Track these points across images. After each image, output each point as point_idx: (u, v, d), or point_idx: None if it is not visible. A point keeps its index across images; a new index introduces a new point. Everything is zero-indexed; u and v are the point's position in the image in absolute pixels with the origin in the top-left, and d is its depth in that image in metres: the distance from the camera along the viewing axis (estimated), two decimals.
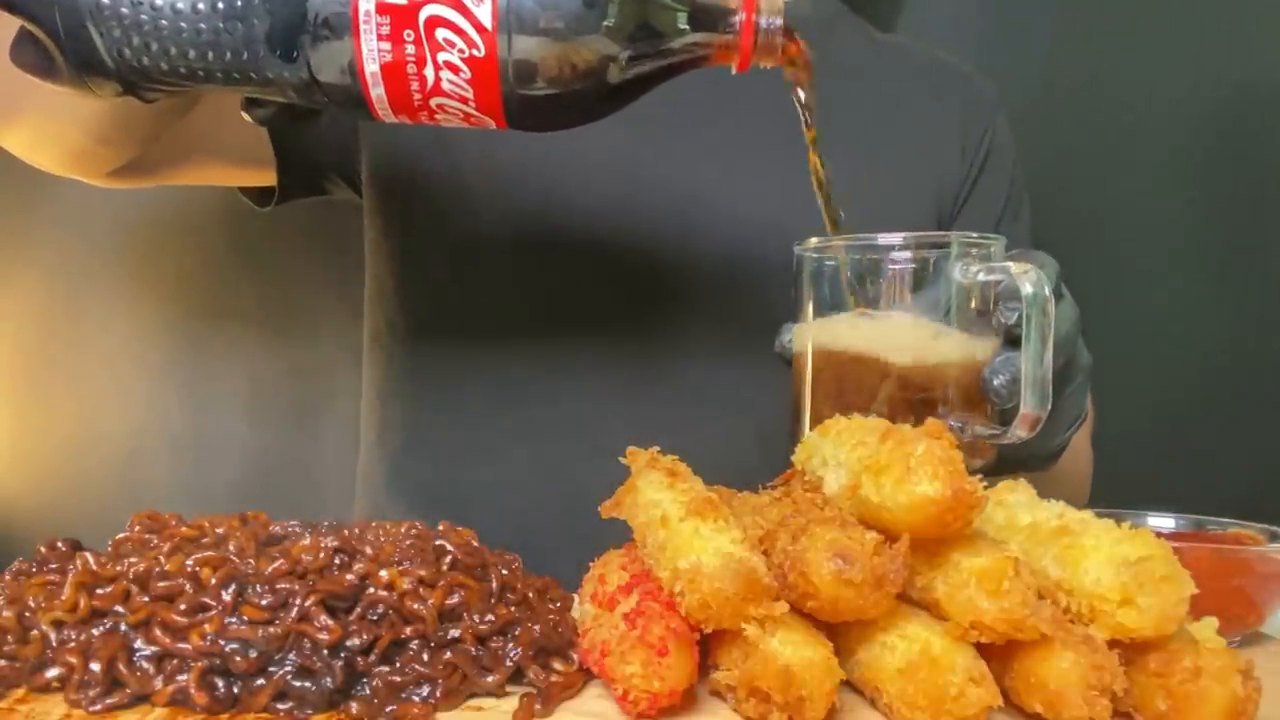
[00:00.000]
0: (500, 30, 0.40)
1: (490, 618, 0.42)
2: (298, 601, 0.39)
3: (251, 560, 0.41)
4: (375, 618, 0.40)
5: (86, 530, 0.46)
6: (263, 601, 0.39)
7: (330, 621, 0.39)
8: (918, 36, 0.89)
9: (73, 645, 0.39)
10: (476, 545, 0.45)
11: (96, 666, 0.38)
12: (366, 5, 0.40)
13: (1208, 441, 0.99)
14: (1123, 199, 1.01)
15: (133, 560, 0.41)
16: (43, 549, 0.44)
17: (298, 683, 0.38)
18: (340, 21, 0.40)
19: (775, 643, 0.36)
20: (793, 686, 0.36)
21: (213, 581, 0.39)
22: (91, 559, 0.41)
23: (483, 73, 0.41)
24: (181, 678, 0.38)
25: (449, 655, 0.40)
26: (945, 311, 0.51)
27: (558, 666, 0.42)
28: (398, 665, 0.40)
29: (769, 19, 0.44)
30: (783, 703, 0.36)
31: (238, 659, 0.38)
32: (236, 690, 0.38)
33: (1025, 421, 0.47)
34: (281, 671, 0.38)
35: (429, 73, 0.41)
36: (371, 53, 0.41)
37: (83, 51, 0.41)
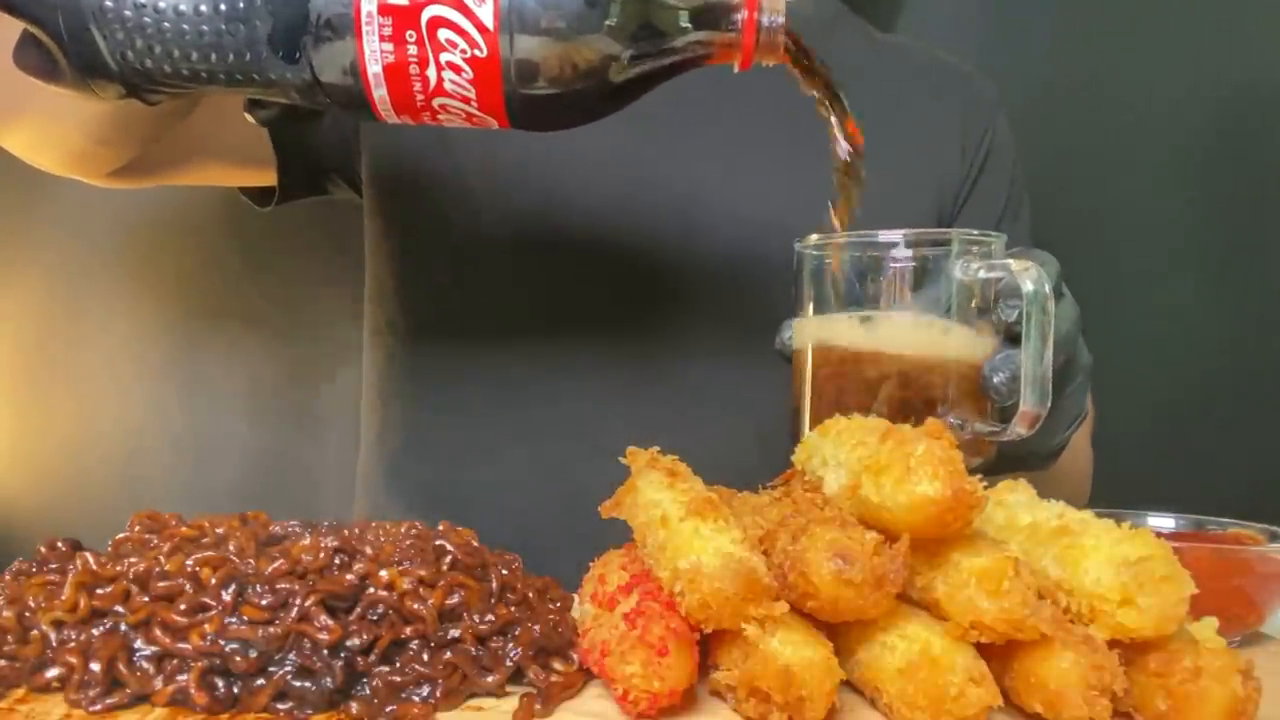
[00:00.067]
0: (502, 30, 0.40)
1: (490, 618, 0.42)
2: (298, 601, 0.39)
3: (251, 560, 0.41)
4: (375, 618, 0.40)
5: (86, 530, 0.46)
6: (263, 601, 0.39)
7: (330, 621, 0.39)
8: (918, 36, 0.89)
9: (73, 645, 0.39)
10: (476, 545, 0.45)
11: (96, 666, 0.38)
12: (369, 6, 0.40)
13: (1208, 441, 0.99)
14: (1123, 199, 1.01)
15: (133, 560, 0.41)
16: (43, 549, 0.44)
17: (298, 683, 0.38)
18: (342, 23, 0.40)
19: (775, 643, 0.36)
20: (793, 686, 0.36)
21: (213, 581, 0.39)
22: (91, 559, 0.41)
23: (485, 73, 0.41)
24: (181, 678, 0.38)
25: (449, 655, 0.40)
26: (946, 309, 0.51)
27: (558, 666, 0.42)
28: (398, 665, 0.40)
29: (771, 17, 0.44)
30: (783, 703, 0.36)
31: (238, 659, 0.38)
32: (236, 690, 0.38)
33: (1025, 419, 0.47)
34: (281, 671, 0.38)
35: (431, 73, 0.41)
36: (374, 54, 0.41)
37: (85, 54, 0.41)
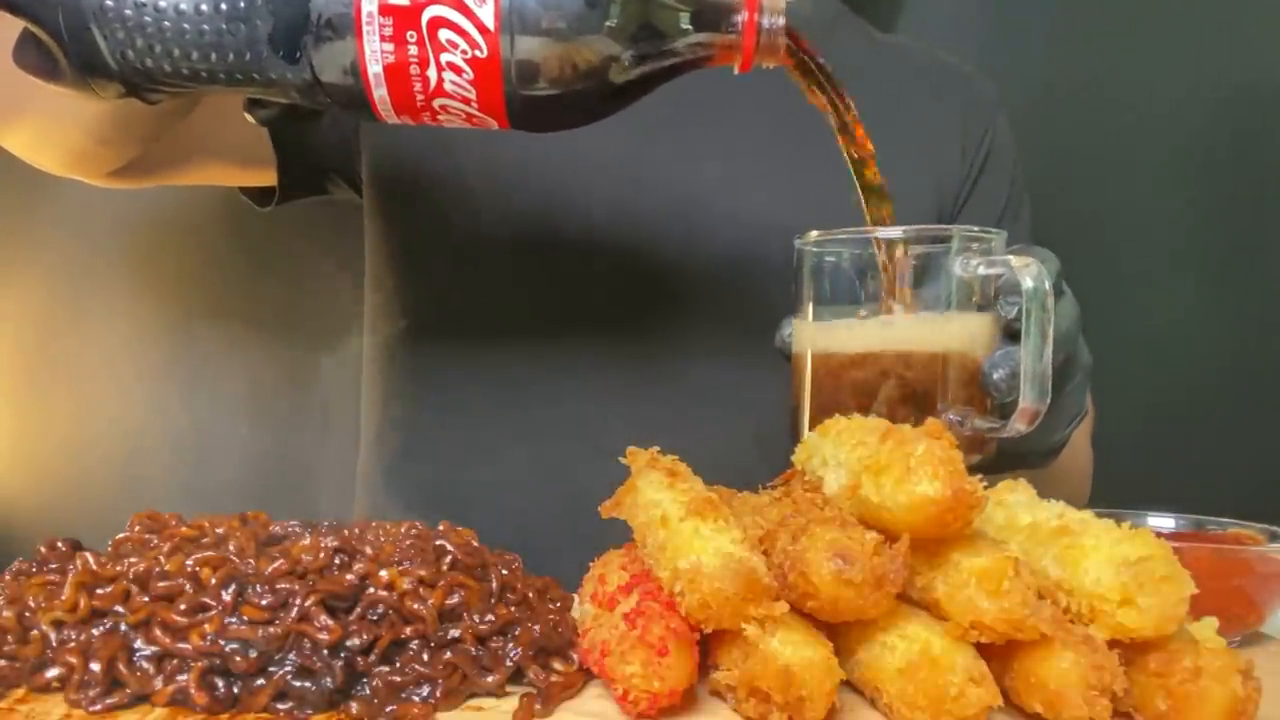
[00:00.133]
0: (503, 31, 0.40)
1: (490, 618, 0.42)
2: (298, 601, 0.39)
3: (251, 560, 0.41)
4: (375, 618, 0.40)
5: (86, 530, 0.46)
6: (263, 601, 0.39)
7: (330, 621, 0.39)
8: (918, 36, 0.89)
9: (73, 645, 0.39)
10: (476, 545, 0.45)
11: (96, 666, 0.38)
12: (369, 6, 0.40)
13: (1208, 441, 0.99)
14: (1123, 199, 1.01)
15: (133, 560, 0.41)
16: (43, 549, 0.44)
17: (298, 683, 0.38)
18: (343, 23, 0.40)
19: (775, 643, 0.36)
20: (793, 686, 0.36)
21: (213, 581, 0.39)
22: (91, 559, 0.41)
23: (485, 73, 0.41)
24: (181, 678, 0.38)
25: (449, 655, 0.40)
26: (946, 306, 0.51)
27: (558, 666, 0.42)
28: (398, 665, 0.40)
29: (771, 18, 0.44)
30: (783, 703, 0.36)
31: (238, 659, 0.38)
32: (236, 690, 0.38)
33: (1024, 415, 0.47)
34: (281, 671, 0.38)
35: (431, 74, 0.41)
36: (374, 54, 0.41)
37: (86, 53, 0.41)
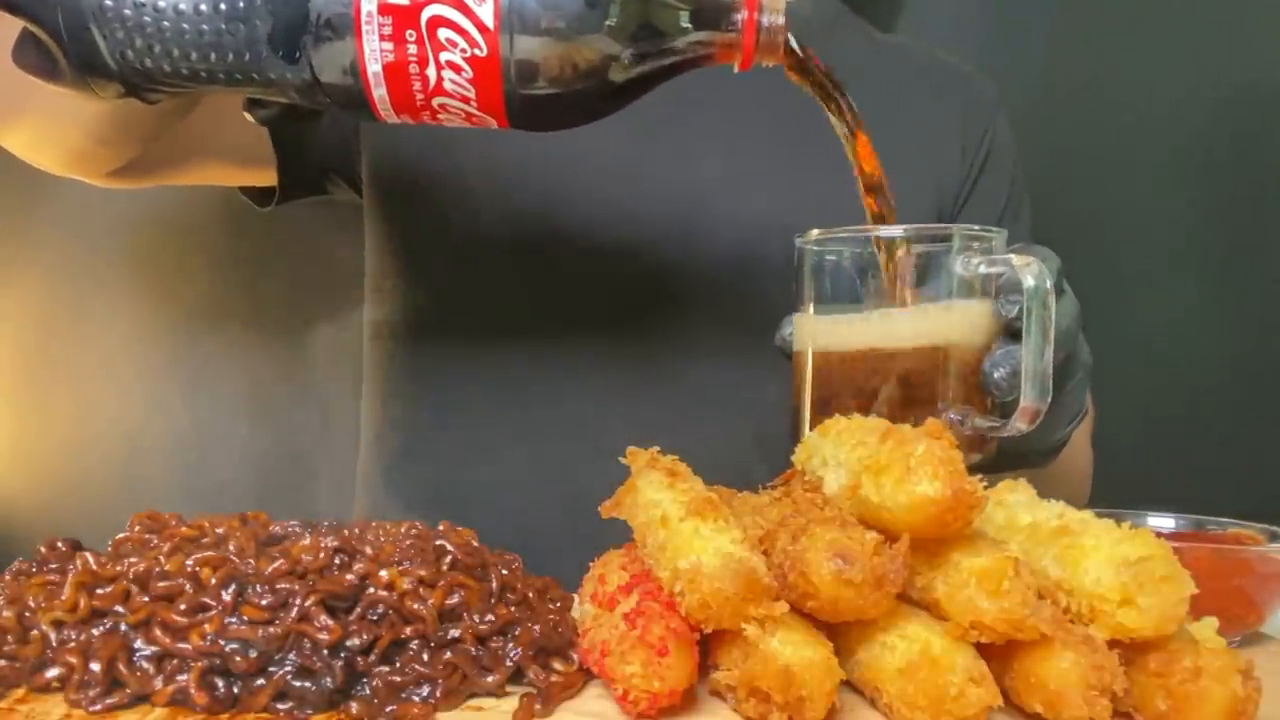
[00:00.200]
0: (502, 30, 0.40)
1: (490, 618, 0.42)
2: (298, 601, 0.39)
3: (251, 560, 0.41)
4: (375, 618, 0.40)
5: (86, 530, 0.46)
6: (263, 601, 0.39)
7: (330, 621, 0.39)
8: (918, 36, 0.89)
9: (73, 645, 0.39)
10: (476, 545, 0.45)
11: (96, 666, 0.38)
12: (368, 6, 0.40)
13: (1208, 441, 0.99)
14: (1123, 199, 1.01)
15: (133, 560, 0.41)
16: (43, 549, 0.44)
17: (298, 683, 0.38)
18: (342, 22, 0.40)
19: (775, 643, 0.36)
20: (793, 686, 0.36)
21: (213, 581, 0.39)
22: (91, 559, 0.41)
23: (485, 72, 0.41)
24: (181, 678, 0.38)
25: (449, 655, 0.40)
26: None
27: (558, 666, 0.42)
28: (398, 665, 0.40)
29: (771, 17, 0.44)
30: (783, 703, 0.36)
31: (238, 659, 0.38)
32: (236, 690, 0.38)
33: (1025, 414, 0.47)
34: (281, 671, 0.38)
35: (431, 73, 0.41)
36: (373, 53, 0.41)
37: (85, 53, 0.41)
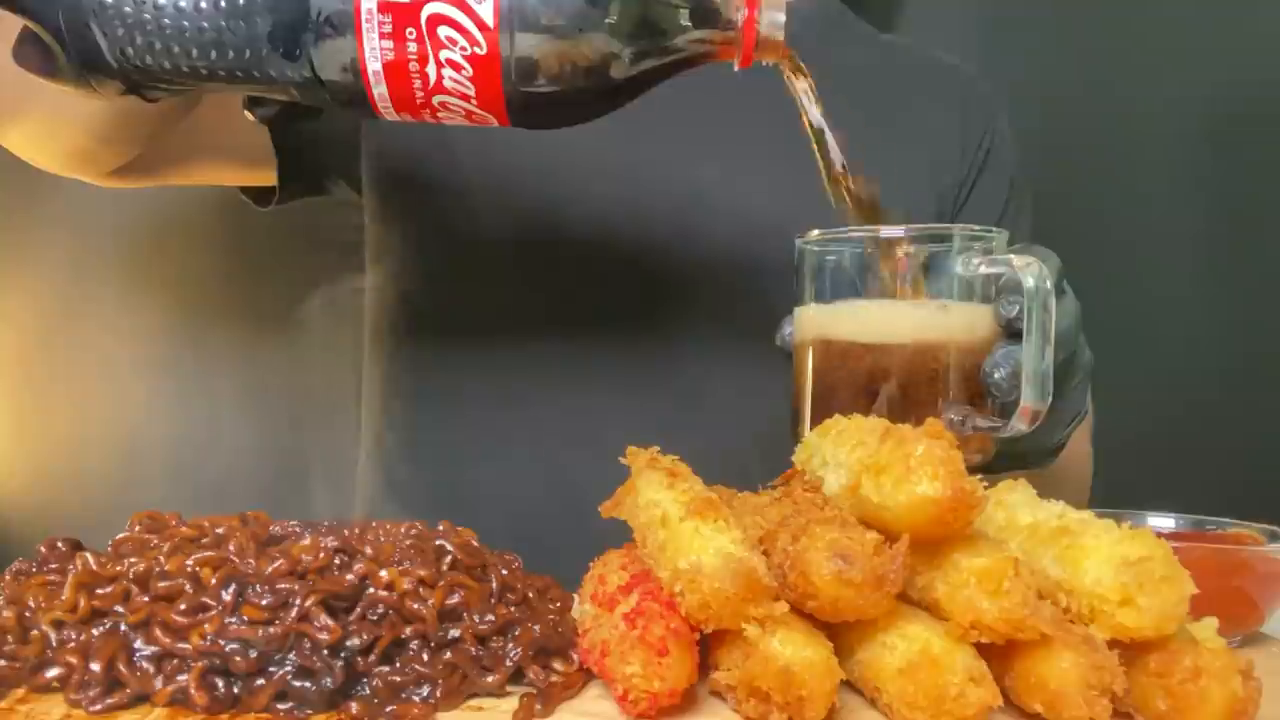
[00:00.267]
0: (502, 28, 0.40)
1: (490, 618, 0.42)
2: (298, 601, 0.39)
3: (251, 560, 0.41)
4: (375, 618, 0.40)
5: (86, 530, 0.46)
6: (263, 601, 0.39)
7: (330, 621, 0.39)
8: (918, 36, 0.89)
9: (73, 645, 0.39)
10: (476, 545, 0.45)
11: (96, 666, 0.38)
12: (369, 4, 0.40)
13: (1208, 441, 0.99)
14: (1123, 199, 1.01)
15: (133, 560, 0.40)
16: (43, 549, 0.44)
17: (298, 683, 0.38)
18: (343, 20, 0.40)
19: (775, 643, 0.36)
20: (793, 686, 0.36)
21: (213, 581, 0.39)
22: (91, 559, 0.41)
23: (485, 70, 0.41)
24: (181, 678, 0.38)
25: (449, 655, 0.40)
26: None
27: (558, 666, 0.42)
28: (398, 665, 0.39)
29: (771, 15, 0.44)
30: (783, 703, 0.36)
31: (238, 659, 0.38)
32: (236, 690, 0.38)
33: (1025, 415, 0.47)
34: (281, 671, 0.38)
35: (431, 70, 0.41)
36: (374, 51, 0.41)
37: (86, 51, 0.41)
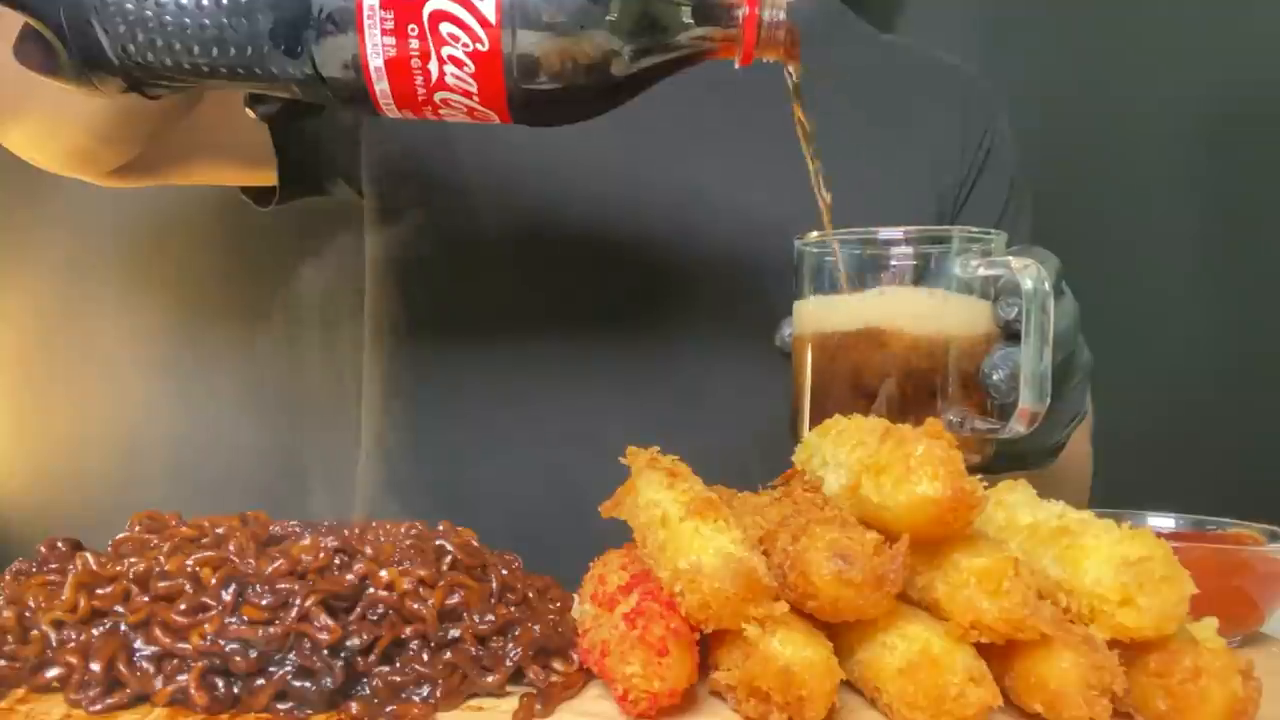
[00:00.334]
0: (504, 25, 0.40)
1: (490, 618, 0.42)
2: (298, 601, 0.39)
3: (251, 560, 0.41)
4: (375, 618, 0.40)
5: (86, 530, 0.46)
6: (263, 601, 0.39)
7: (330, 621, 0.38)
8: (918, 36, 0.89)
9: (73, 645, 0.38)
10: (476, 545, 0.45)
11: (96, 666, 0.38)
12: (370, 0, 0.40)
13: (1208, 441, 0.99)
14: (1123, 199, 1.01)
15: (133, 560, 0.40)
16: (43, 549, 0.43)
17: (298, 683, 0.38)
18: (344, 16, 0.40)
19: (775, 643, 0.36)
20: (793, 686, 0.36)
21: (213, 581, 0.39)
22: (91, 559, 0.41)
23: (487, 67, 0.41)
24: (181, 678, 0.38)
25: (449, 655, 0.40)
26: None
27: (558, 666, 0.42)
28: (398, 665, 0.39)
29: (772, 12, 0.44)
30: (783, 703, 0.36)
31: (238, 659, 0.38)
32: (236, 690, 0.38)
33: (1023, 416, 0.47)
34: (281, 671, 0.38)
35: (433, 67, 0.41)
36: (375, 47, 0.41)
37: (87, 48, 0.41)
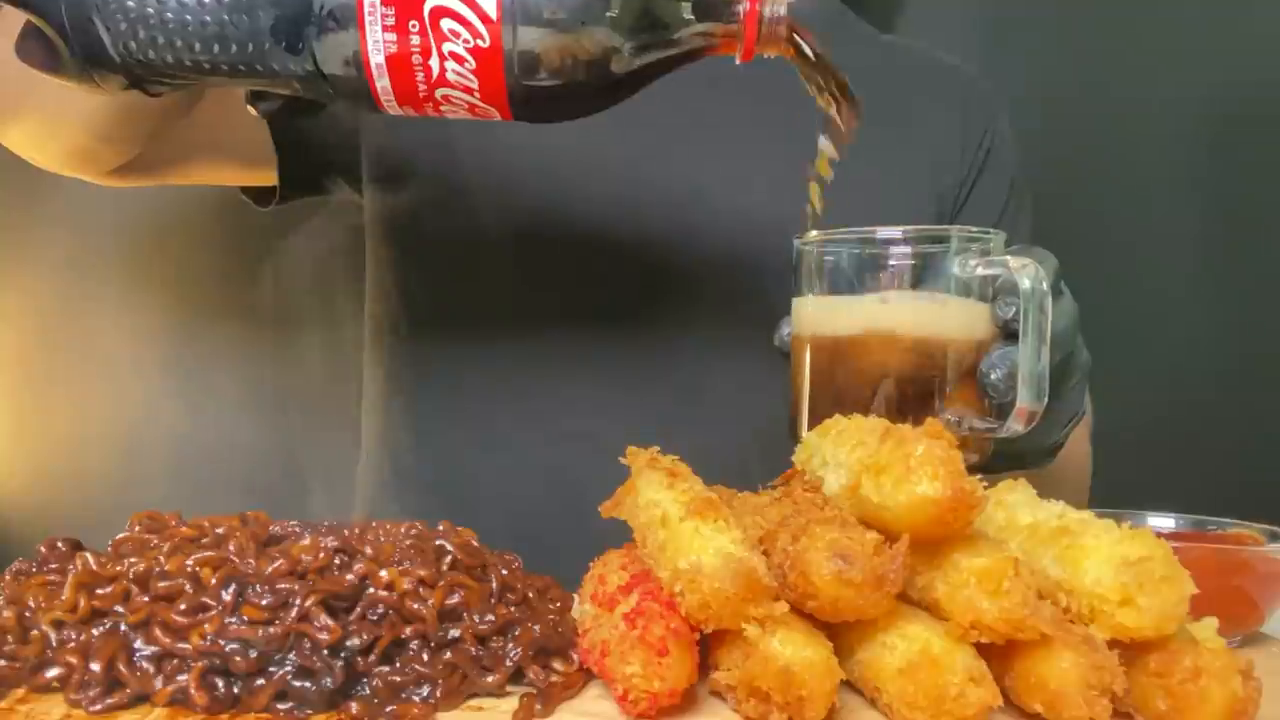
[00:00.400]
0: (505, 21, 0.40)
1: (490, 618, 0.42)
2: (298, 601, 0.39)
3: (251, 560, 0.41)
4: (375, 618, 0.40)
5: (86, 530, 0.46)
6: (263, 601, 0.39)
7: (330, 621, 0.39)
8: (918, 36, 0.89)
9: (73, 645, 0.38)
10: (476, 545, 0.45)
11: (96, 666, 0.38)
12: None
13: (1208, 441, 0.99)
14: (1123, 199, 1.01)
15: (133, 560, 0.40)
16: (43, 549, 0.44)
17: (298, 683, 0.38)
18: (345, 13, 0.40)
19: (775, 643, 0.36)
20: (793, 686, 0.36)
21: (213, 581, 0.39)
22: (91, 559, 0.41)
23: (487, 63, 0.41)
24: (181, 678, 0.38)
25: (449, 655, 0.40)
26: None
27: (558, 666, 0.42)
28: (398, 665, 0.39)
29: (773, 8, 0.44)
30: (783, 703, 0.36)
31: (238, 659, 0.38)
32: (236, 690, 0.38)
33: (1021, 416, 0.47)
34: (281, 671, 0.38)
35: (434, 63, 0.41)
36: (376, 44, 0.41)
37: (88, 45, 0.41)
